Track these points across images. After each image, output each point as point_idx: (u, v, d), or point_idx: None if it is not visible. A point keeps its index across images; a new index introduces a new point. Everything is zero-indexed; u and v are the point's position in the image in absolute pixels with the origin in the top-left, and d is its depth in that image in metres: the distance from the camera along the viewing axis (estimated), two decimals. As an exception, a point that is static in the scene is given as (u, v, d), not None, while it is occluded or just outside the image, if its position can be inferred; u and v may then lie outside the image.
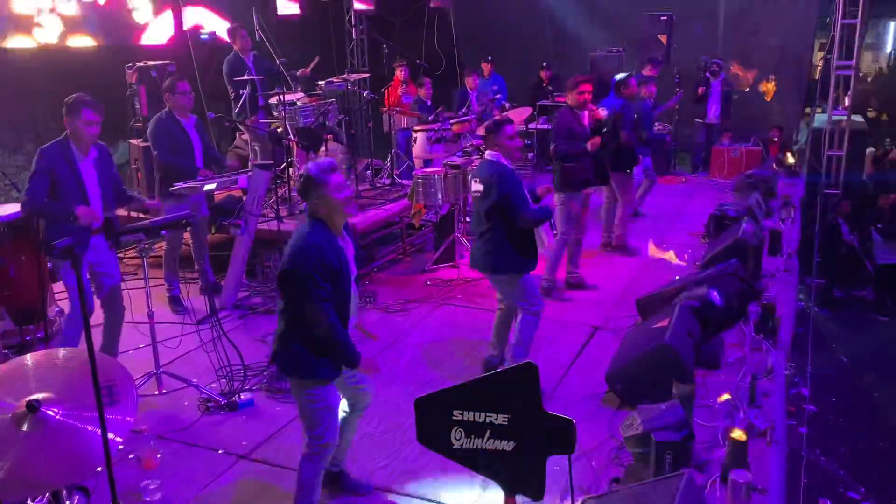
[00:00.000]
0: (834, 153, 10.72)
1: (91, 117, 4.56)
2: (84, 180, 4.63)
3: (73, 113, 4.54)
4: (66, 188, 4.56)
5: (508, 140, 4.70)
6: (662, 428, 3.51)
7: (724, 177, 10.59)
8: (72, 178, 4.57)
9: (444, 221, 7.50)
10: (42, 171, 4.52)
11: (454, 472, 3.92)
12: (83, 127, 4.55)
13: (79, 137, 4.59)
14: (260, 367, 5.16)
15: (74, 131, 4.58)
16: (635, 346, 4.63)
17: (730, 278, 5.64)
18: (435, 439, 2.50)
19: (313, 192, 3.29)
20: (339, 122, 8.09)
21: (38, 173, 4.53)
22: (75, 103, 4.54)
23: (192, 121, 6.03)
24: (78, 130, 4.57)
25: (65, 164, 4.56)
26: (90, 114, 4.55)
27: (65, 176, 4.55)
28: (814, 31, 12.22)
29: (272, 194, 6.94)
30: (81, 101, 4.56)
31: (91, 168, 4.68)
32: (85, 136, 4.58)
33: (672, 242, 7.92)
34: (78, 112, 4.53)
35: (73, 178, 4.58)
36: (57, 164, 4.54)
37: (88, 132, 4.58)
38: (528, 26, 13.05)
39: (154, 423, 4.51)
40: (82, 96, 4.59)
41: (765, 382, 4.64)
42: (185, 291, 5.82)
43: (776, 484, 3.73)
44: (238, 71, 7.74)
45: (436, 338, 5.73)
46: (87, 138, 4.61)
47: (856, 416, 7.32)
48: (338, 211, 3.32)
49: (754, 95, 12.13)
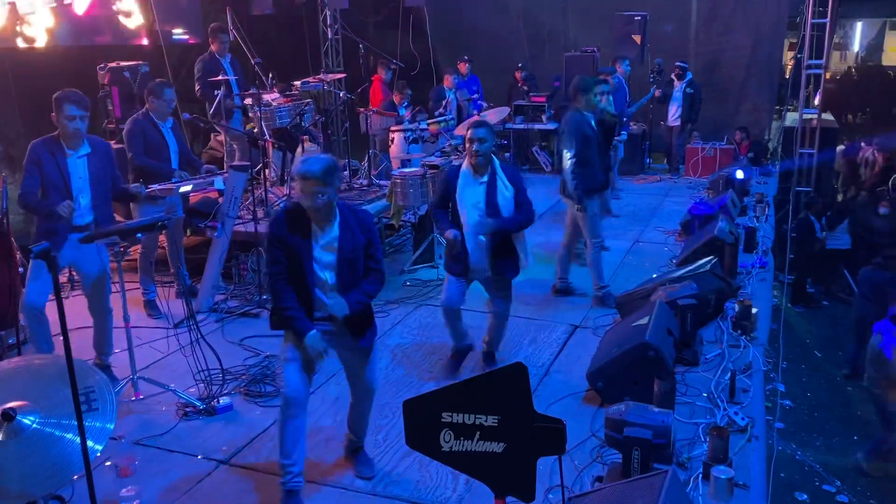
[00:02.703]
0: (805, 151, 10.89)
1: (73, 112, 4.55)
2: (69, 177, 4.62)
3: (56, 108, 4.57)
4: (51, 184, 4.57)
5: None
6: (641, 425, 3.52)
7: (698, 175, 10.70)
8: (57, 174, 4.59)
9: (423, 222, 7.48)
10: (30, 165, 4.57)
11: (437, 475, 3.92)
12: (66, 122, 4.56)
13: (64, 133, 4.61)
14: (238, 370, 5.10)
15: (60, 127, 4.60)
16: (615, 345, 4.65)
17: (707, 276, 5.70)
18: (423, 442, 2.48)
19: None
20: (316, 123, 8.03)
21: (27, 168, 4.59)
22: (58, 98, 4.56)
23: (169, 124, 5.95)
24: (62, 126, 4.59)
25: (51, 160, 4.57)
26: (73, 108, 4.54)
27: (50, 171, 4.57)
28: (784, 31, 12.38)
29: (248, 196, 6.88)
30: (64, 95, 4.56)
31: (81, 164, 4.68)
32: (68, 130, 4.58)
33: (649, 241, 7.98)
34: (60, 107, 4.54)
35: (58, 173, 4.59)
36: (43, 158, 4.56)
37: (71, 127, 4.57)
38: (503, 26, 13.09)
39: (131, 429, 4.43)
40: (67, 91, 4.60)
41: (743, 379, 4.69)
42: (162, 295, 5.73)
43: (758, 479, 3.77)
44: (213, 71, 7.65)
45: (416, 339, 5.71)
46: (70, 133, 4.60)
47: (829, 410, 7.44)
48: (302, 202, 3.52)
49: (725, 94, 12.25)
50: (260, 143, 7.15)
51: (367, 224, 3.70)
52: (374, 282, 3.72)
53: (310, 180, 3.44)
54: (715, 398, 4.48)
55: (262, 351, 5.41)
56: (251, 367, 5.18)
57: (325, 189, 3.47)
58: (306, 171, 3.45)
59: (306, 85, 8.32)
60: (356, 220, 3.66)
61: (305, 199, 3.49)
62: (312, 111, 7.89)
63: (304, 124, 7.57)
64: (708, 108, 11.53)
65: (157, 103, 5.83)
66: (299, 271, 3.57)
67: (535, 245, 7.76)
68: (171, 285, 6.37)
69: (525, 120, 11.25)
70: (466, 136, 4.75)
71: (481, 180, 4.69)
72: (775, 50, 12.29)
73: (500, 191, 4.68)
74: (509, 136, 11.20)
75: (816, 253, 10.20)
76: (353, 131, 9.92)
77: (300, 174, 3.47)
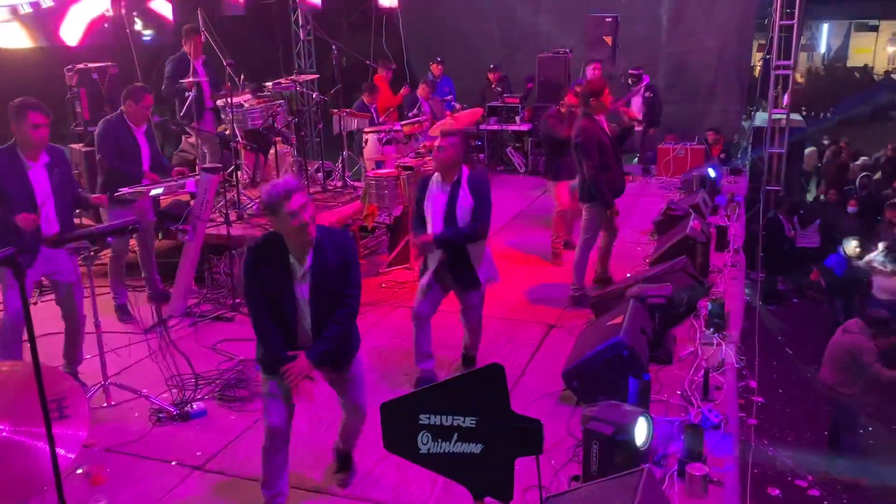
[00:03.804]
0: (775, 150, 11.04)
1: (38, 120, 4.38)
2: (33, 188, 4.44)
3: (18, 117, 4.37)
4: (14, 197, 4.36)
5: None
6: (602, 419, 3.55)
7: (669, 175, 10.79)
8: (19, 187, 4.38)
9: (397, 223, 7.46)
10: None
11: (414, 477, 3.91)
12: (30, 131, 4.37)
13: (27, 142, 4.41)
14: (212, 375, 5.04)
15: (22, 136, 4.41)
16: (590, 344, 4.67)
17: (679, 274, 5.75)
18: (401, 444, 2.47)
19: (268, 214, 3.34)
20: (289, 124, 7.97)
21: None
22: (20, 107, 4.37)
23: (143, 128, 5.84)
24: (25, 135, 4.39)
25: (11, 172, 4.37)
26: (37, 116, 4.37)
27: (11, 184, 4.36)
28: (752, 32, 12.54)
29: (220, 198, 6.81)
30: (26, 103, 4.38)
31: (42, 174, 4.50)
32: (33, 140, 4.41)
33: (622, 240, 8.02)
34: (23, 116, 4.35)
35: (20, 186, 4.39)
36: (3, 172, 4.35)
37: (36, 136, 4.40)
38: (476, 28, 13.11)
39: (103, 437, 4.35)
40: (26, 99, 4.42)
41: (717, 376, 4.74)
42: (133, 300, 5.65)
43: (732, 476, 3.81)
44: (182, 73, 7.55)
45: (392, 341, 5.69)
46: (36, 142, 4.43)
47: (801, 406, 7.56)
48: (291, 234, 3.31)
49: (695, 95, 12.37)
50: (232, 145, 7.08)
51: (343, 245, 3.47)
52: (349, 309, 3.49)
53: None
54: (689, 396, 4.53)
55: (236, 355, 5.35)
56: (225, 372, 5.13)
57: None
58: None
59: (278, 86, 8.26)
60: (332, 243, 3.42)
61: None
62: (285, 112, 7.84)
63: (276, 126, 7.51)
64: (678, 108, 11.61)
65: (135, 107, 5.70)
66: (278, 305, 3.39)
67: (511, 245, 7.82)
68: (142, 290, 6.29)
69: (499, 121, 11.28)
70: (436, 143, 4.73)
71: (445, 188, 4.67)
72: (744, 51, 12.45)
73: (461, 200, 4.60)
74: (483, 138, 11.21)
75: (786, 251, 10.36)
76: (326, 133, 9.86)
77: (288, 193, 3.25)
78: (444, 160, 4.61)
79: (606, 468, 3.46)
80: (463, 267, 4.70)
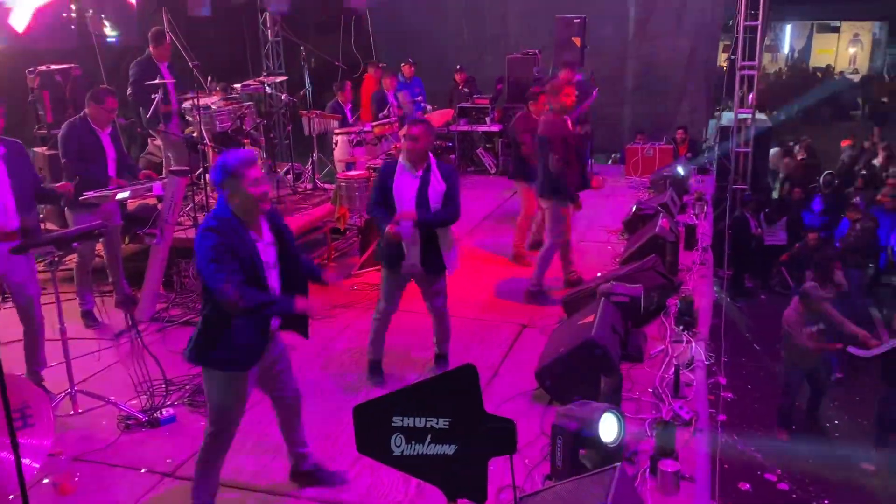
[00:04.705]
0: (741, 150, 11.21)
1: None
2: None
3: None
4: None
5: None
6: (569, 416, 3.59)
7: (639, 175, 10.88)
8: None
9: (368, 225, 7.44)
10: None
11: (388, 479, 3.89)
12: None
13: None
14: (182, 380, 4.98)
15: None
16: (562, 343, 4.70)
17: (649, 273, 5.81)
18: (374, 447, 2.46)
19: (227, 182, 3.26)
20: (257, 126, 7.91)
21: None
22: None
23: (108, 131, 5.74)
24: None
25: None
26: None
27: None
28: (718, 33, 12.71)
29: (188, 201, 6.72)
30: None
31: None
32: None
33: (592, 240, 8.08)
34: None
35: None
36: None
37: None
38: (445, 29, 13.12)
39: (70, 445, 4.26)
40: None
41: (687, 373, 4.79)
42: (100, 305, 5.55)
43: (703, 472, 3.85)
44: (148, 75, 7.44)
45: (364, 343, 5.65)
46: None
47: (769, 401, 7.67)
48: (252, 206, 3.29)
49: (663, 95, 12.50)
50: (199, 148, 7.00)
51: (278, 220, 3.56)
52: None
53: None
54: (660, 393, 4.57)
55: (207, 360, 5.28)
56: (195, 377, 5.05)
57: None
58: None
59: (247, 88, 8.19)
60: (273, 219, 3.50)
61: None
62: (253, 114, 7.77)
63: (245, 128, 7.44)
64: (646, 108, 11.70)
65: (98, 109, 5.60)
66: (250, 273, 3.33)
67: (482, 246, 7.84)
68: (109, 295, 6.19)
69: (469, 122, 11.29)
70: (404, 132, 4.75)
71: (416, 174, 4.72)
72: (710, 51, 12.61)
73: (433, 185, 4.69)
74: (454, 139, 11.22)
75: (752, 249, 10.51)
76: (295, 134, 9.79)
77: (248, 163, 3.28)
78: (419, 150, 4.65)
79: (572, 464, 3.48)
80: (431, 252, 4.77)
